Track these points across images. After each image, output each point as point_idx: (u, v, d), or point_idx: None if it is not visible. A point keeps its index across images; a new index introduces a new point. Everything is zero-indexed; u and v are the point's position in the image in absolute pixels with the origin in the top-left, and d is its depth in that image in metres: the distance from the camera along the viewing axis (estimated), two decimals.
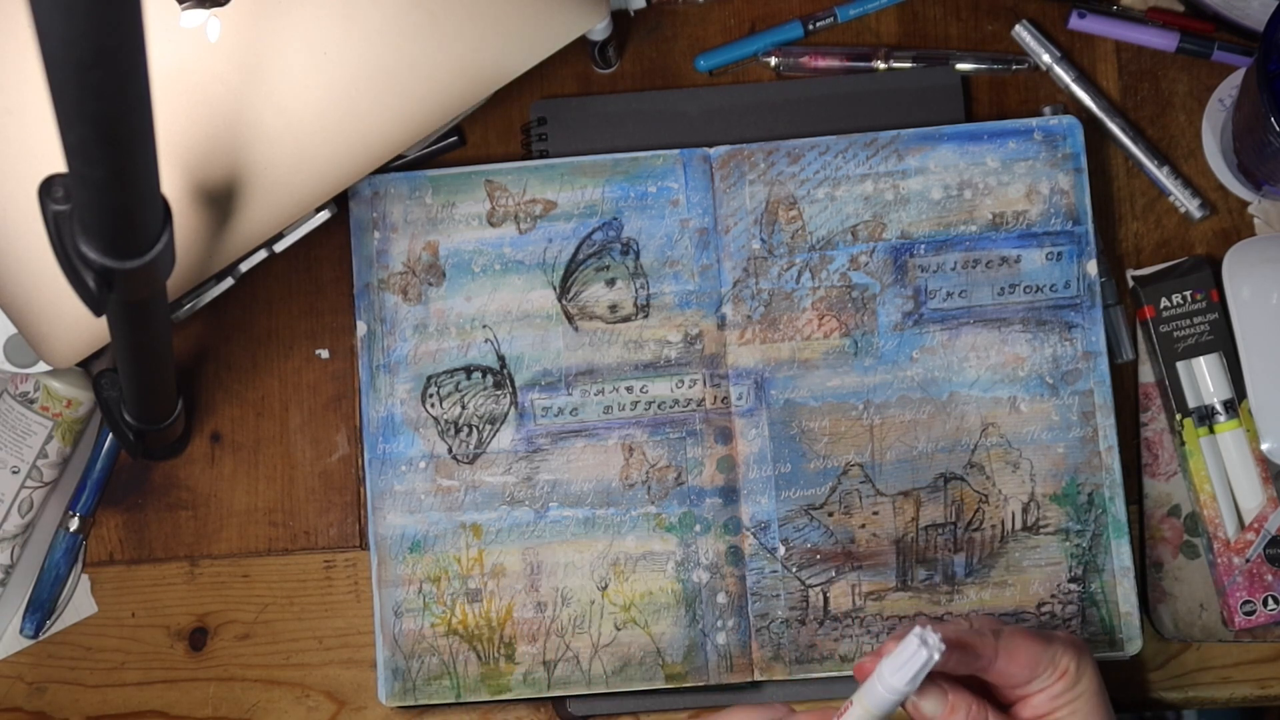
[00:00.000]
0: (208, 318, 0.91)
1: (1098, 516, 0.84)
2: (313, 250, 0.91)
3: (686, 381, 0.86)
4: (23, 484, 0.87)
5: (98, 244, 0.58)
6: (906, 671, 0.65)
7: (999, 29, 0.91)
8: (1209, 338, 0.85)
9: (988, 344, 0.85)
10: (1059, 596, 0.84)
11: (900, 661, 0.65)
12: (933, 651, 0.64)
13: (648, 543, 0.85)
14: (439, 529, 0.86)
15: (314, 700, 0.89)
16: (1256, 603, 0.83)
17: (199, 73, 0.75)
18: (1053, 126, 0.86)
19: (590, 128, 0.90)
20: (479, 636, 0.85)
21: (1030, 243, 0.86)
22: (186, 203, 0.76)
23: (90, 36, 0.47)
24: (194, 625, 0.90)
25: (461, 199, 0.88)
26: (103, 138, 0.52)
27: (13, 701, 0.90)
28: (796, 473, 0.85)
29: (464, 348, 0.87)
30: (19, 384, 0.87)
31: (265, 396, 0.91)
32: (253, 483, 0.90)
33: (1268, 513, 0.84)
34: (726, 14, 0.92)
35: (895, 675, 0.65)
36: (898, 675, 0.65)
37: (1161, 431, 0.86)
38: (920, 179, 0.86)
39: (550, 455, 0.86)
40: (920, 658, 0.64)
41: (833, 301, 0.86)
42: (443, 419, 0.86)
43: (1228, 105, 0.88)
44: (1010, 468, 0.85)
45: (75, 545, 0.90)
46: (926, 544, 0.84)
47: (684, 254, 0.87)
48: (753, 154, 0.87)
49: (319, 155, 0.78)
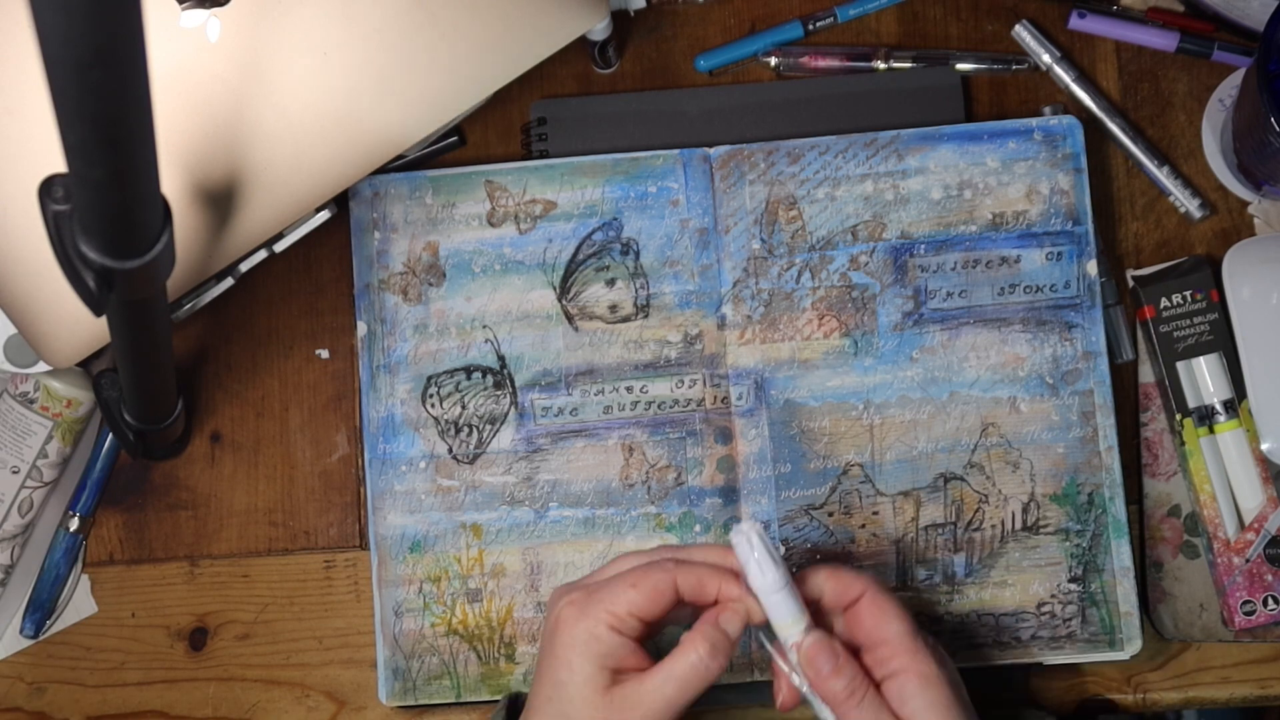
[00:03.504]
0: (208, 318, 0.91)
1: (1098, 516, 0.84)
2: (313, 250, 0.91)
3: (686, 381, 0.86)
4: (23, 484, 0.87)
5: (98, 244, 0.58)
6: (759, 562, 0.69)
7: (999, 29, 0.91)
8: (1209, 338, 0.85)
9: (988, 344, 0.85)
10: (1059, 596, 0.84)
11: (748, 564, 0.69)
12: (749, 533, 0.69)
13: (648, 543, 0.85)
14: (439, 529, 0.86)
15: (314, 700, 0.89)
16: (1256, 603, 0.83)
17: (199, 73, 0.75)
18: (1053, 126, 0.86)
19: (590, 128, 0.90)
20: (479, 636, 0.85)
21: (1030, 243, 0.86)
22: (186, 203, 0.76)
23: (90, 36, 0.47)
24: (194, 625, 0.90)
25: (461, 199, 0.88)
26: (103, 138, 0.52)
27: (13, 701, 0.90)
28: (796, 473, 0.85)
29: (464, 348, 0.87)
30: (19, 384, 0.87)
31: (265, 396, 0.91)
32: (253, 483, 0.90)
33: (1268, 513, 0.84)
34: (726, 14, 0.92)
35: (758, 576, 0.69)
36: (758, 573, 0.69)
37: (1161, 431, 0.86)
38: (920, 179, 0.86)
39: (550, 455, 0.86)
40: (752, 543, 0.69)
41: (833, 301, 0.86)
42: (443, 419, 0.86)
43: (1228, 105, 0.88)
44: (1010, 468, 0.85)
45: (75, 545, 0.90)
46: (926, 544, 0.84)
47: (684, 254, 0.87)
48: (753, 154, 0.87)
49: (319, 155, 0.78)
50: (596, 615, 0.68)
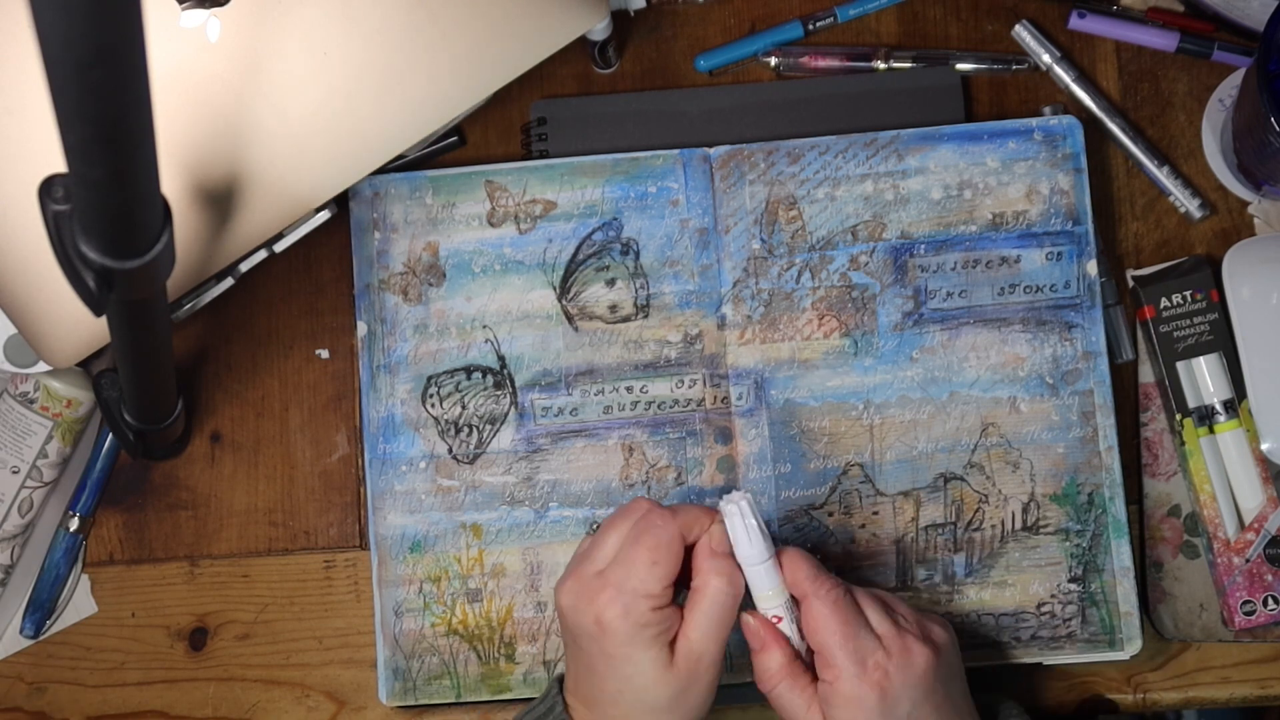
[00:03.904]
0: (208, 318, 0.91)
1: (1098, 516, 0.84)
2: (313, 250, 0.91)
3: (686, 381, 0.86)
4: (23, 484, 0.87)
5: (98, 244, 0.58)
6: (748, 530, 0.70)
7: (999, 29, 0.91)
8: (1209, 338, 0.85)
9: (988, 344, 0.85)
10: (1059, 596, 0.84)
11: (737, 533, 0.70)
12: (739, 502, 0.70)
13: None
14: (439, 529, 0.86)
15: (314, 700, 0.89)
16: (1256, 603, 0.83)
17: (199, 73, 0.75)
18: (1053, 126, 0.86)
19: (590, 128, 0.90)
20: (479, 636, 0.85)
21: (1030, 243, 0.86)
22: (186, 203, 0.76)
23: (90, 36, 0.47)
24: (194, 625, 0.90)
25: (462, 199, 0.88)
26: (103, 138, 0.52)
27: (13, 701, 0.90)
28: (796, 473, 0.85)
29: (464, 348, 0.87)
30: (19, 384, 0.87)
31: (265, 396, 0.91)
32: (253, 483, 0.90)
33: (1268, 513, 0.84)
34: (726, 14, 0.92)
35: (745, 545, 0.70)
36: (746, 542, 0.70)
37: (1161, 431, 0.86)
38: (920, 179, 0.86)
39: (550, 455, 0.86)
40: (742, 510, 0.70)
41: (833, 301, 0.86)
42: (443, 419, 0.86)
43: (1228, 105, 0.88)
44: (1010, 468, 0.85)
45: (75, 545, 0.90)
46: (926, 544, 0.84)
47: (684, 254, 0.87)
48: (753, 154, 0.87)
49: (319, 155, 0.78)
50: (639, 606, 0.70)
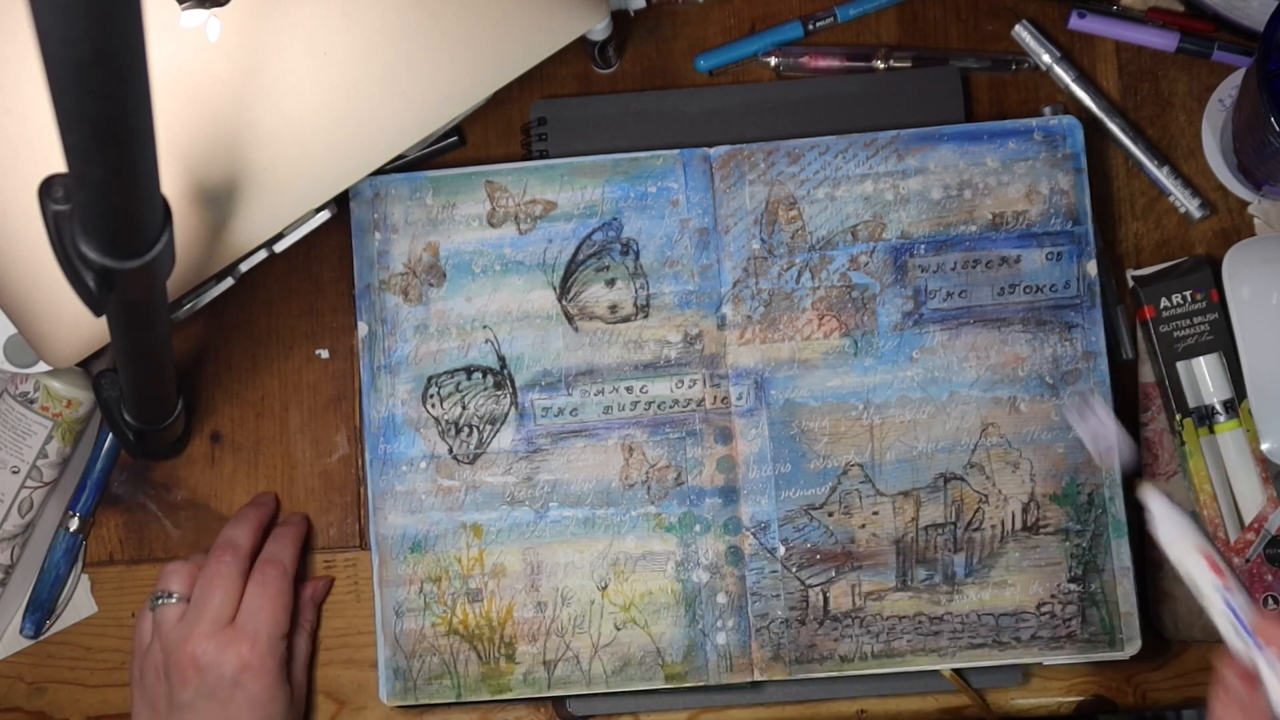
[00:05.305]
0: (208, 318, 0.91)
1: (1098, 516, 0.84)
2: (313, 250, 0.91)
3: (686, 381, 0.86)
4: (23, 484, 0.87)
5: (98, 244, 0.58)
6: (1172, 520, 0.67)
7: (999, 29, 0.91)
8: (1209, 338, 0.85)
9: (988, 344, 0.85)
10: (1059, 596, 0.84)
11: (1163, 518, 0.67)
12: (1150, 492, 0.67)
13: (648, 543, 0.85)
14: (440, 529, 0.86)
15: (314, 700, 0.89)
16: (1256, 603, 0.83)
17: (199, 73, 0.75)
18: (1053, 126, 0.86)
19: (590, 128, 0.90)
20: (479, 636, 0.85)
21: (1030, 243, 0.86)
22: (186, 203, 0.76)
23: (90, 36, 0.47)
24: None
25: (462, 199, 0.88)
26: (103, 138, 0.52)
27: (13, 701, 0.90)
28: (796, 473, 0.85)
29: (464, 348, 0.87)
30: (19, 384, 0.87)
31: (265, 396, 0.91)
32: (253, 483, 0.90)
33: (1268, 513, 0.84)
34: (726, 14, 0.92)
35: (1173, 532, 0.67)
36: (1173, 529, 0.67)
37: (1161, 431, 0.86)
38: (920, 179, 0.86)
39: (550, 455, 0.86)
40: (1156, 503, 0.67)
41: (833, 301, 0.86)
42: (443, 419, 0.86)
43: (1228, 105, 0.88)
44: (1010, 468, 0.85)
45: (75, 545, 0.90)
46: (926, 544, 0.84)
47: (684, 254, 0.87)
48: (753, 154, 0.87)
49: (319, 155, 0.78)
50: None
